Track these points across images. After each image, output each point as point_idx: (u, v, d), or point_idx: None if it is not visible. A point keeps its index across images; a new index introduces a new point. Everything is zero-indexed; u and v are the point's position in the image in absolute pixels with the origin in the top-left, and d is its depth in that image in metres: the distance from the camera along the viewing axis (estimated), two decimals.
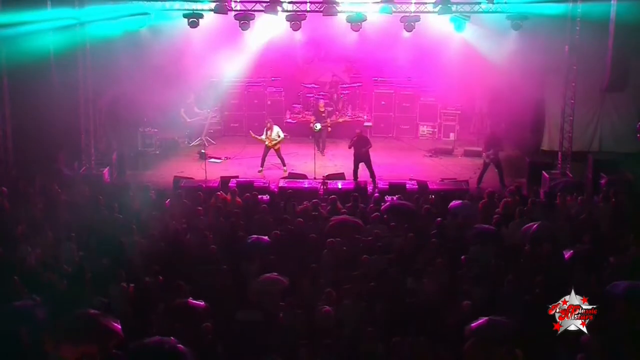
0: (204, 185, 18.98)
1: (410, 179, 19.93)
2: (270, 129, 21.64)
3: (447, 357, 11.06)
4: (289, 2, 20.81)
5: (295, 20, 20.83)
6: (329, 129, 23.52)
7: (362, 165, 20.39)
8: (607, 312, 11.68)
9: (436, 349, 11.11)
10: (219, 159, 22.89)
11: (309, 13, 20.89)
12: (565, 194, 17.30)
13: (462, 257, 13.73)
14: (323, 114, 23.58)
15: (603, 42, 20.56)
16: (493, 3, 20.42)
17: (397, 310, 12.30)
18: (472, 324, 11.14)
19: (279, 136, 21.58)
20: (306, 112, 25.37)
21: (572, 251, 13.61)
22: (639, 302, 11.73)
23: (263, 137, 21.61)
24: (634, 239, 14.56)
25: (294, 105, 25.78)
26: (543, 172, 19.99)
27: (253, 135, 21.85)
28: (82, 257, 14.15)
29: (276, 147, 21.63)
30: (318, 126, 22.96)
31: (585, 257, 13.47)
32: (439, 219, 15.58)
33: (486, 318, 11.10)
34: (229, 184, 18.97)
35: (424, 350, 11.04)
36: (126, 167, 21.73)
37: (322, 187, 19.14)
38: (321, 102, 24.08)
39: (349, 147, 20.66)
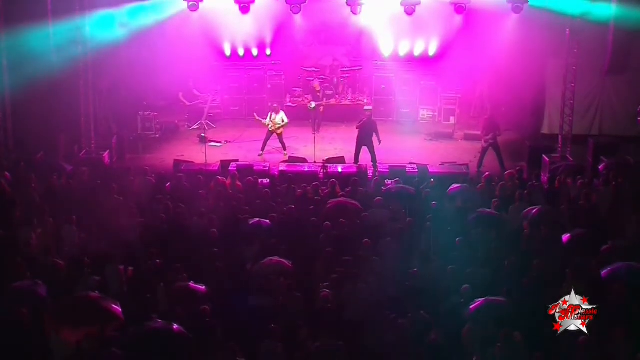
0: (204, 169, 18.98)
1: (410, 163, 19.93)
2: (277, 112, 21.58)
3: (446, 339, 11.11)
4: None
5: (296, 3, 20.76)
6: (322, 108, 23.55)
7: (364, 149, 20.39)
8: (605, 294, 11.77)
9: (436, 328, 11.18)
10: (219, 142, 22.87)
11: None
12: (565, 178, 17.32)
13: (457, 240, 13.74)
14: (318, 94, 23.66)
15: (604, 25, 20.53)
16: None
17: (397, 293, 12.35)
18: (471, 306, 11.19)
19: (282, 121, 21.53)
20: (306, 96, 25.36)
21: (570, 234, 13.64)
22: (638, 285, 11.76)
23: (267, 120, 21.55)
24: (633, 222, 14.58)
25: (294, 89, 25.74)
26: (543, 155, 19.96)
27: (257, 117, 21.79)
28: (83, 240, 14.19)
29: (279, 132, 21.59)
30: (312, 104, 23.02)
31: (584, 240, 13.49)
32: (434, 202, 15.58)
33: (485, 300, 11.15)
34: (229, 168, 18.97)
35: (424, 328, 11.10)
36: (126, 151, 21.73)
37: (322, 170, 19.13)
38: (316, 82, 24.39)
39: (357, 128, 20.62)
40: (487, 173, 17.87)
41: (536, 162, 19.97)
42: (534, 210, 14.64)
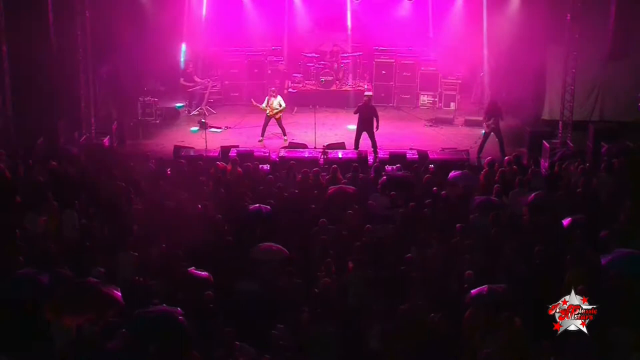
0: (204, 155, 18.99)
1: (411, 149, 19.93)
2: (275, 96, 21.55)
3: (447, 324, 11.15)
4: None
5: None
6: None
7: (364, 135, 20.37)
8: (604, 280, 11.79)
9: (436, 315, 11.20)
10: (219, 128, 22.85)
11: None
12: (566, 164, 17.31)
13: (458, 225, 13.75)
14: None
15: (605, 11, 20.46)
16: None
17: (398, 279, 12.37)
18: (472, 292, 11.22)
19: (280, 105, 21.50)
20: (307, 82, 25.36)
21: (570, 219, 13.63)
22: (637, 271, 11.76)
23: (264, 105, 21.52)
24: (633, 208, 14.57)
25: (295, 75, 25.71)
26: (544, 141, 19.95)
27: (254, 102, 21.76)
28: (84, 225, 14.21)
29: (277, 117, 21.56)
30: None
31: (584, 226, 13.49)
32: (434, 188, 15.58)
33: (486, 286, 11.17)
34: (229, 154, 18.97)
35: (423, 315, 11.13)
36: (126, 136, 21.72)
37: (322, 156, 19.13)
38: (281, 65, 25.16)
39: (355, 113, 20.59)
40: (488, 158, 17.88)
41: (536, 148, 19.96)
42: (534, 196, 14.64)
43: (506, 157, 18.14)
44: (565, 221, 13.69)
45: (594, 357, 10.30)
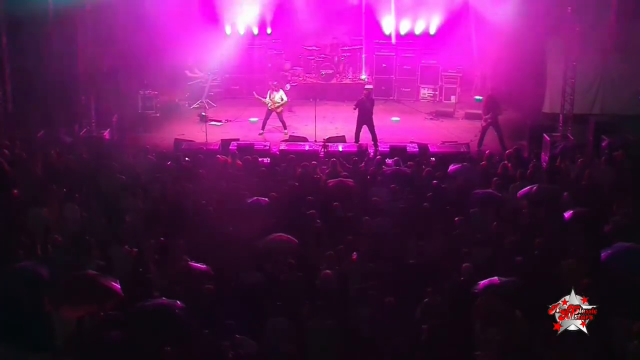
0: (204, 148, 18.98)
1: (411, 142, 19.92)
2: (276, 90, 21.53)
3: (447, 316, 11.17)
4: None
5: None
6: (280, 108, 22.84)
7: (364, 128, 20.36)
8: (604, 274, 11.79)
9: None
10: (220, 121, 22.84)
11: None
12: (568, 157, 17.30)
13: (456, 218, 13.74)
14: (286, 73, 24.94)
15: (606, 3, 20.42)
16: None
17: (398, 272, 12.37)
18: (481, 283, 11.18)
19: (282, 99, 21.48)
20: (307, 75, 25.33)
21: (572, 212, 13.62)
22: (636, 265, 11.76)
23: (267, 99, 21.52)
24: (633, 201, 14.57)
25: (295, 68, 25.68)
26: (544, 134, 19.92)
27: (257, 96, 21.75)
28: (85, 218, 14.21)
29: (278, 110, 21.55)
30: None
31: (584, 219, 13.48)
32: (434, 181, 15.57)
33: (496, 277, 11.16)
34: (230, 147, 18.96)
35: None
36: (126, 130, 21.68)
37: (322, 149, 19.12)
38: (287, 64, 25.43)
39: (354, 108, 20.55)
40: (487, 151, 17.87)
41: (537, 141, 19.92)
42: (534, 188, 14.62)
43: (507, 151, 18.12)
44: (567, 214, 13.68)
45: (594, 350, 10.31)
